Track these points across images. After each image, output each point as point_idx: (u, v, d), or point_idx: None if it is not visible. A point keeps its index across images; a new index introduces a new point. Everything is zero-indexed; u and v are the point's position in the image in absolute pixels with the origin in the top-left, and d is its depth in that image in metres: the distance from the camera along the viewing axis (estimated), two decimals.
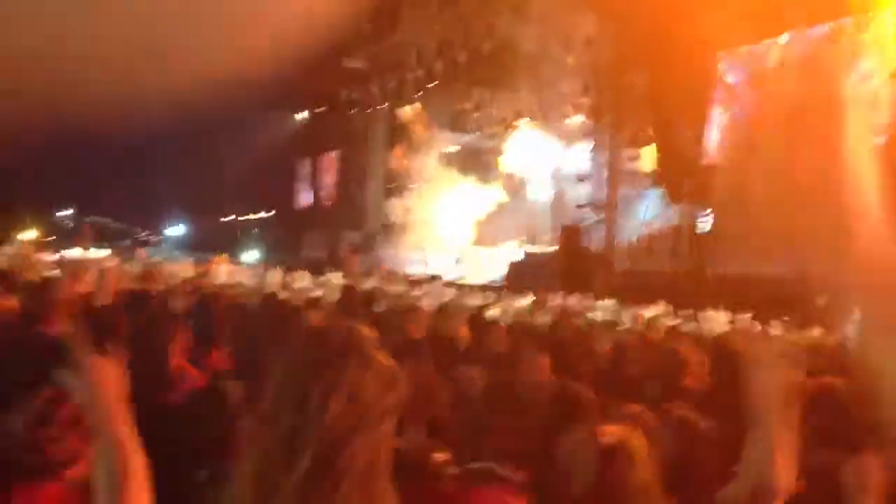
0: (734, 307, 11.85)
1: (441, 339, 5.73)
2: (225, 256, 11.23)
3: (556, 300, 12.04)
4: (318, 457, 1.35)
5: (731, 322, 9.59)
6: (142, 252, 12.31)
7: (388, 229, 29.03)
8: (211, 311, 6.05)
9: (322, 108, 33.94)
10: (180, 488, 2.26)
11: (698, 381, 4.41)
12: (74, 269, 9.90)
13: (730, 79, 19.43)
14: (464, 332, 5.67)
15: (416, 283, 18.78)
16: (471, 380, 4.02)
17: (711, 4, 17.72)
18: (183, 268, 15.15)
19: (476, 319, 6.09)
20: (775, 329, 9.33)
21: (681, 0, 18.44)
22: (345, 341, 1.45)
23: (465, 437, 2.40)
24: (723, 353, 5.28)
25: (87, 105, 26.48)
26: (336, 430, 1.36)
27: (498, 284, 21.37)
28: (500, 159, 27.15)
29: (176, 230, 47.64)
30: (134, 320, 4.38)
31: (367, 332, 1.52)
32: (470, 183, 27.62)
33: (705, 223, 19.78)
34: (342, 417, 1.36)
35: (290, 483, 1.33)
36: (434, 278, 22.36)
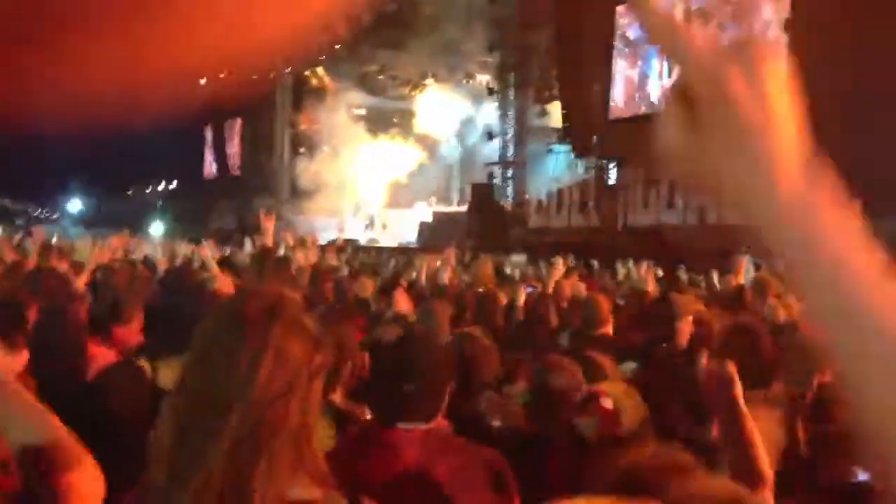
0: (643, 257, 12.15)
1: (356, 302, 5.72)
2: (125, 234, 10.82)
3: (467, 258, 12.11)
4: (246, 419, 1.32)
5: (643, 272, 9.82)
6: (38, 230, 11.74)
7: (299, 195, 28.64)
8: (114, 286, 5.85)
9: (223, 74, 32.98)
10: (103, 464, 2.20)
11: (611, 329, 4.51)
12: None
13: (633, 34, 19.72)
14: (373, 293, 5.65)
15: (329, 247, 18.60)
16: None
17: None
18: (82, 245, 14.61)
19: (387, 281, 6.08)
20: (681, 276, 9.58)
21: None
22: (271, 304, 1.42)
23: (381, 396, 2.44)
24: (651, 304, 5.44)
25: None
26: (265, 392, 1.33)
27: (411, 245, 21.44)
28: (409, 120, 27.03)
29: (75, 206, 45.99)
30: (36, 300, 4.18)
31: (292, 294, 1.50)
32: (379, 145, 27.44)
33: (612, 177, 20.19)
34: (271, 379, 1.33)
35: (217, 447, 1.29)
36: (347, 242, 22.26)
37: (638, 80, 19.66)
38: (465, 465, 2.23)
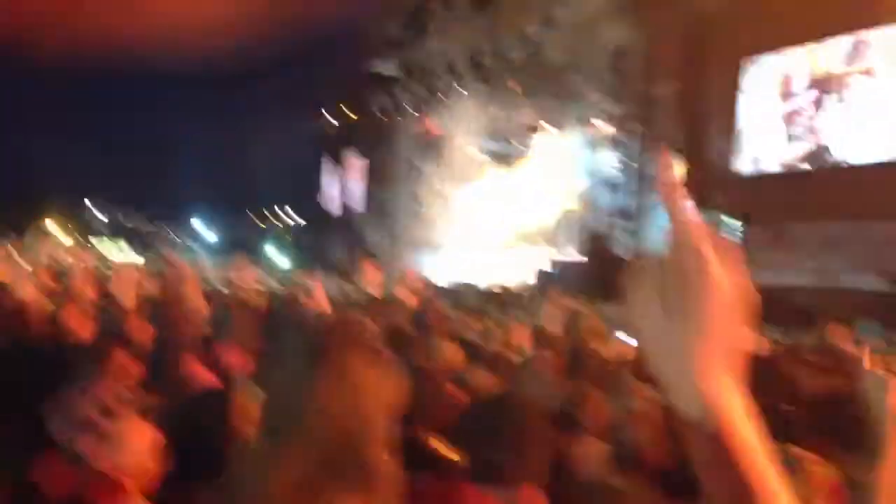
0: (766, 319, 11.67)
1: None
2: (244, 258, 11.22)
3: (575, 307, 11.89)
4: (317, 436, 1.33)
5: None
6: (170, 253, 12.40)
7: (419, 234, 29.05)
8: (228, 312, 6.06)
9: (352, 114, 34.12)
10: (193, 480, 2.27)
11: None
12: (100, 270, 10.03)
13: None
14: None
15: (446, 289, 18.80)
16: (483, 385, 3.98)
17: (738, 13, 17.61)
18: (207, 269, 15.31)
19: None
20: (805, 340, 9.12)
21: (707, 8, 18.35)
22: (346, 332, 1.46)
23: (474, 442, 2.32)
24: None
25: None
26: (337, 421, 1.34)
27: (529, 290, 21.30)
28: (529, 165, 27.09)
29: (206, 232, 48.23)
30: (153, 322, 4.41)
31: (371, 326, 1.54)
32: (499, 188, 27.59)
33: (735, 234, 19.53)
34: (342, 402, 1.35)
35: (288, 474, 1.31)
36: (467, 285, 22.39)
37: (769, 139, 19.14)
38: None
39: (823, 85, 17.72)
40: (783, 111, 18.66)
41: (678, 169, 0.80)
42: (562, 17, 22.70)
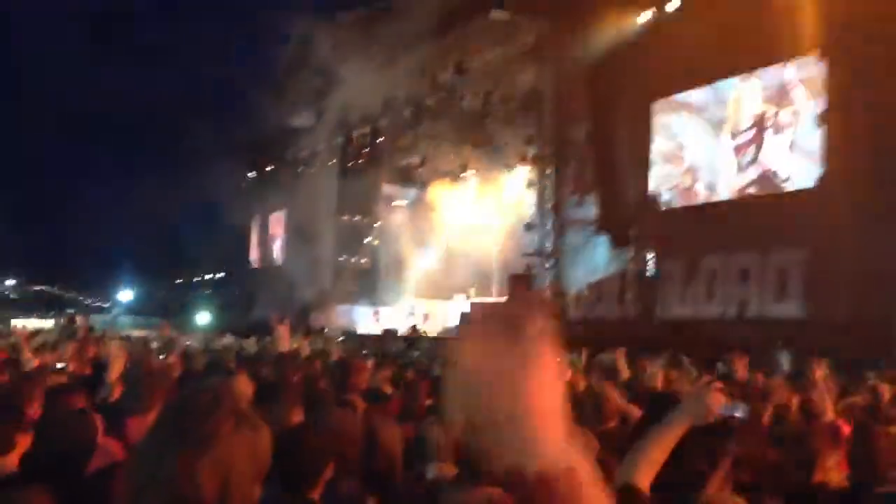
0: (679, 350, 11.94)
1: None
2: (165, 323, 11.10)
3: None
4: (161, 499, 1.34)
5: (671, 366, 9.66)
6: (82, 321, 12.16)
7: (342, 285, 28.88)
8: (140, 379, 5.94)
9: (270, 167, 33.96)
10: None
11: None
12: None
13: (674, 128, 19.85)
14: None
15: (367, 338, 18.74)
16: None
17: (645, 55, 18.22)
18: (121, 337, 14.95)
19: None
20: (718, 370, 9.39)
21: (617, 53, 18.96)
22: (212, 397, 1.47)
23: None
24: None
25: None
26: (196, 483, 1.35)
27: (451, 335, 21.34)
28: (449, 211, 27.35)
29: (125, 295, 46.92)
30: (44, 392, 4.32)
31: (241, 387, 1.55)
32: (420, 235, 27.73)
33: (651, 268, 20.01)
34: (203, 470, 1.36)
35: None
36: (388, 332, 22.34)
37: (680, 174, 19.71)
38: None
39: (735, 124, 18.40)
40: (692, 147, 19.26)
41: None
42: (474, 63, 23.16)
